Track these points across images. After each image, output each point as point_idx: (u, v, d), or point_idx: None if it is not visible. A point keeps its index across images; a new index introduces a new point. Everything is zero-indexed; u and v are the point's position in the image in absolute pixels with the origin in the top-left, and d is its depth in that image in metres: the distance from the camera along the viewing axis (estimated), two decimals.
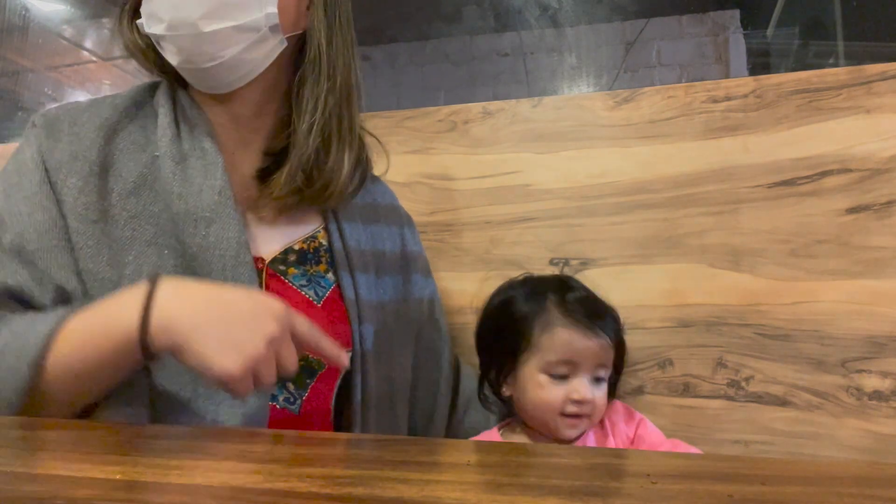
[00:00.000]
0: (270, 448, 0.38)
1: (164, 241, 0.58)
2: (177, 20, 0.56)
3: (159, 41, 0.59)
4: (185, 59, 0.58)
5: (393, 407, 0.71)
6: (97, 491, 0.29)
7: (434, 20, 3.53)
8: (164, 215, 0.58)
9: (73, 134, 0.60)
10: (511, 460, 0.35)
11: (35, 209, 0.57)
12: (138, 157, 0.61)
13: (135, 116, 0.63)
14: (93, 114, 0.62)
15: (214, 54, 0.57)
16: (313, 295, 0.65)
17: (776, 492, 0.28)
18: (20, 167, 0.60)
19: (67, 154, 0.59)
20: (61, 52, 3.89)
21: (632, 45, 3.34)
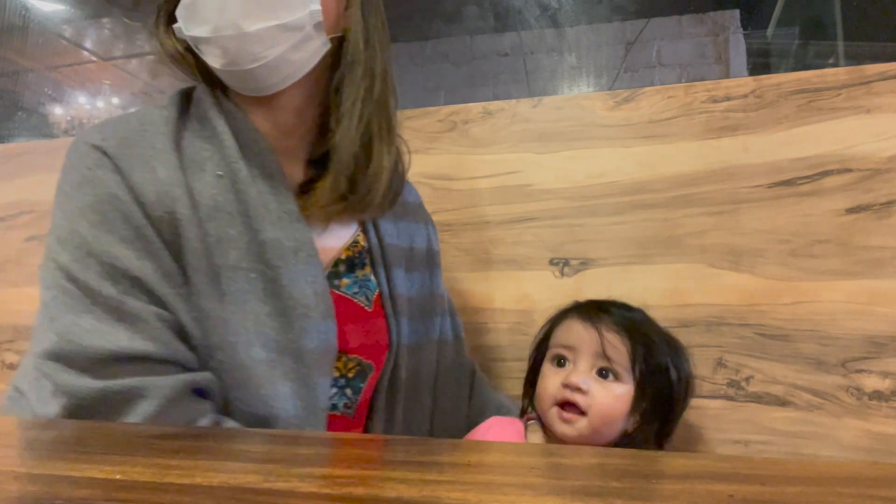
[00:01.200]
0: (270, 448, 0.38)
1: (249, 266, 0.56)
2: (221, 21, 0.54)
3: (200, 44, 0.57)
4: (230, 60, 0.56)
5: (419, 399, 0.72)
6: (97, 491, 0.29)
7: (434, 20, 3.53)
8: (243, 239, 0.56)
9: (153, 158, 0.56)
10: (511, 460, 0.35)
11: (141, 255, 0.52)
12: (202, 178, 0.57)
13: (184, 129, 0.60)
14: (154, 132, 0.57)
15: (258, 54, 0.56)
16: (364, 301, 0.66)
17: (776, 492, 0.28)
18: (99, 204, 0.53)
19: (161, 184, 0.54)
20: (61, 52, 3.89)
21: (632, 45, 3.34)
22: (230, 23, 0.54)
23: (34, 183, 1.19)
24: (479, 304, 0.96)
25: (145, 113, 0.60)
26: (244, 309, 0.55)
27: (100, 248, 0.52)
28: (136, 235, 0.53)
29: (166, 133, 0.57)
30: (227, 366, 0.54)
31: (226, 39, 0.55)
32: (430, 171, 0.99)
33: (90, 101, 4.44)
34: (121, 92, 4.55)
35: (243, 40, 0.55)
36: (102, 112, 4.54)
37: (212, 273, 0.54)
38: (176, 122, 0.59)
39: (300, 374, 0.56)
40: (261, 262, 0.56)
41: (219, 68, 0.57)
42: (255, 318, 0.55)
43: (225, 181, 0.57)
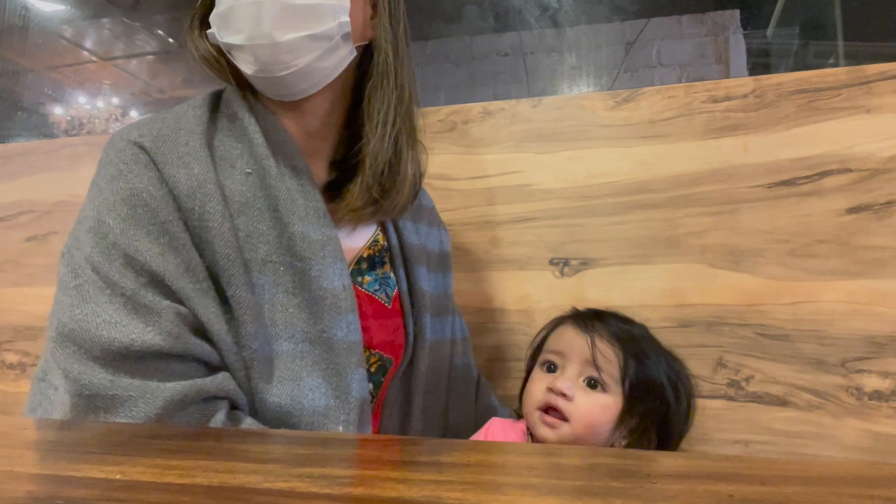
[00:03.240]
0: (270, 448, 0.38)
1: (279, 259, 0.58)
2: (255, 31, 0.56)
3: (233, 51, 0.59)
4: (261, 68, 0.58)
5: (436, 394, 0.75)
6: (97, 491, 0.29)
7: (434, 20, 3.53)
8: (272, 233, 0.58)
9: (187, 155, 0.57)
10: (511, 460, 0.35)
11: (165, 249, 0.54)
12: (232, 175, 0.59)
13: (215, 129, 0.62)
14: (189, 132, 0.59)
15: (290, 63, 0.58)
16: (385, 297, 0.68)
17: (776, 492, 0.28)
18: (131, 198, 0.55)
19: (195, 179, 0.56)
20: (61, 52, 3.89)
21: (632, 45, 3.35)
22: (264, 33, 0.56)
23: (34, 183, 1.19)
24: (479, 304, 0.96)
25: (179, 113, 0.61)
26: (273, 301, 0.57)
27: (125, 241, 0.53)
28: (162, 230, 0.54)
29: (199, 132, 0.59)
30: (258, 356, 0.55)
31: (259, 48, 0.57)
32: (430, 171, 0.99)
33: (90, 101, 4.44)
34: (121, 92, 4.55)
35: (275, 49, 0.57)
36: (102, 112, 4.54)
37: (245, 265, 0.56)
38: (208, 122, 0.61)
39: (331, 364, 0.58)
40: (290, 255, 0.58)
41: (251, 74, 0.59)
42: (283, 309, 0.57)
43: (254, 178, 0.59)
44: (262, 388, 0.55)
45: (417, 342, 0.70)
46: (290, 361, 0.56)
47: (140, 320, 0.51)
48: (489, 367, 0.93)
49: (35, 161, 1.19)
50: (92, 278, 0.52)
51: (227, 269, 0.55)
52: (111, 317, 0.51)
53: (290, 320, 0.57)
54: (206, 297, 0.54)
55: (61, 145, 1.18)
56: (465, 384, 0.81)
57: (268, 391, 0.55)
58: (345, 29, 0.59)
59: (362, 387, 0.59)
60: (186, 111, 0.62)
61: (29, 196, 1.19)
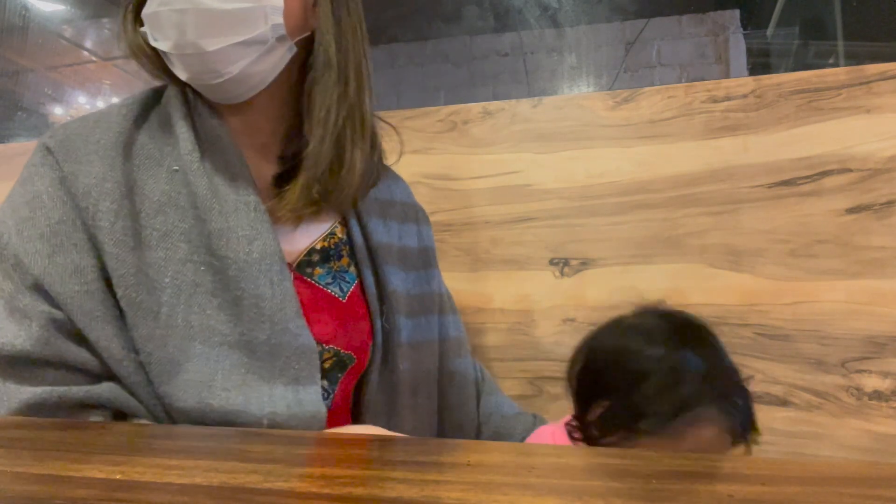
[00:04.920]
0: (270, 448, 0.38)
1: (199, 258, 0.56)
2: (181, 41, 0.54)
3: (166, 55, 0.57)
4: (192, 76, 0.57)
5: (424, 397, 0.72)
6: (97, 491, 0.29)
7: (434, 20, 3.53)
8: (194, 231, 0.56)
9: (93, 153, 0.56)
10: (511, 460, 0.35)
11: (55, 250, 0.53)
12: (156, 173, 0.57)
13: (143, 126, 0.60)
14: (105, 129, 0.58)
15: (221, 71, 0.56)
16: (338, 291, 0.65)
17: (776, 492, 0.28)
18: (32, 200, 0.55)
19: (93, 177, 0.55)
20: (61, 52, 3.89)
21: (632, 45, 3.35)
22: (189, 42, 0.54)
23: None
24: (479, 304, 0.96)
25: (106, 110, 0.60)
26: (190, 302, 0.54)
27: (17, 243, 0.53)
28: (54, 232, 0.54)
29: (116, 130, 0.58)
30: (154, 358, 0.53)
31: (186, 58, 0.55)
32: (430, 171, 0.99)
33: (90, 101, 4.44)
34: (121, 92, 4.55)
35: (204, 58, 0.55)
36: None
37: (145, 266, 0.54)
38: (134, 119, 0.60)
39: (252, 368, 0.55)
40: (209, 253, 0.56)
41: (185, 80, 0.57)
42: (200, 311, 0.54)
43: (180, 175, 0.58)
44: (166, 391, 0.53)
45: (390, 344, 0.67)
46: (203, 364, 0.54)
47: (14, 324, 0.52)
48: (489, 368, 0.93)
49: None
50: None
51: (115, 270, 0.53)
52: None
53: (206, 322, 0.54)
54: (91, 300, 0.53)
55: None
56: (461, 385, 0.78)
57: (173, 395, 0.53)
58: (279, 31, 0.56)
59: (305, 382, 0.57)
60: (112, 109, 0.60)
61: None
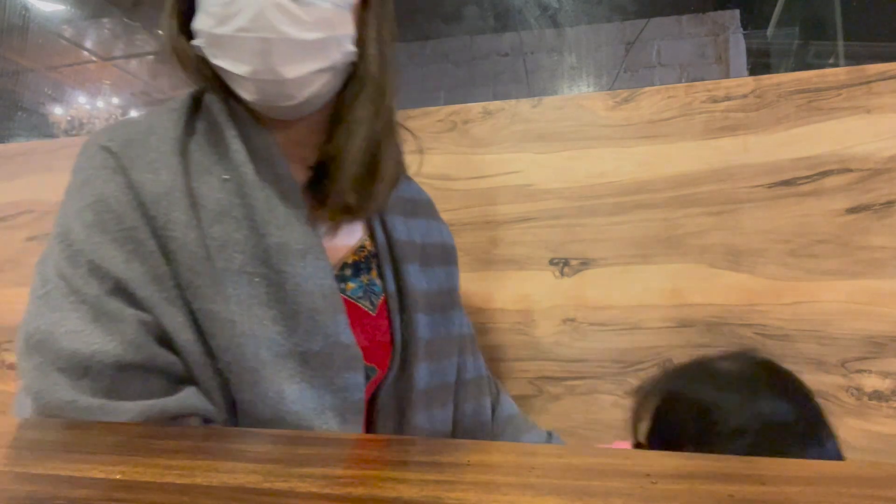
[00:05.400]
0: (270, 448, 0.38)
1: (253, 270, 0.56)
2: (261, 66, 0.54)
3: (230, 78, 0.57)
4: (263, 98, 0.57)
5: (442, 400, 0.71)
6: (97, 491, 0.29)
7: (434, 20, 3.53)
8: (249, 243, 0.56)
9: (156, 161, 0.55)
10: (511, 460, 0.35)
11: (130, 257, 0.52)
12: (209, 181, 0.57)
13: (192, 135, 0.59)
14: (161, 136, 0.57)
15: (296, 95, 0.57)
16: (368, 305, 0.65)
17: (776, 492, 0.28)
18: (97, 204, 0.53)
19: (161, 185, 0.54)
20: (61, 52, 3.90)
21: (632, 45, 3.35)
22: (271, 69, 0.54)
23: (34, 183, 1.19)
24: (479, 304, 0.96)
25: (154, 116, 0.59)
26: (249, 313, 0.54)
27: (89, 247, 0.52)
28: (128, 237, 0.52)
29: (171, 137, 0.57)
30: (234, 368, 0.53)
31: (264, 83, 0.55)
32: (430, 171, 0.99)
33: (90, 101, 4.44)
34: (121, 92, 4.55)
35: (282, 85, 0.55)
36: (102, 112, 4.54)
37: (215, 276, 0.54)
38: (184, 126, 0.59)
39: (305, 377, 0.56)
40: (265, 265, 0.56)
41: (250, 101, 0.57)
42: (259, 321, 0.55)
43: (231, 185, 0.57)
44: (244, 399, 0.54)
45: (409, 345, 0.67)
46: (274, 374, 0.54)
47: (102, 329, 0.50)
48: (489, 368, 0.93)
49: (35, 161, 1.19)
50: (59, 286, 0.52)
51: (191, 281, 0.53)
52: (74, 325, 0.50)
53: (266, 333, 0.55)
54: (172, 306, 0.52)
55: (61, 145, 1.18)
56: (476, 383, 0.77)
57: (252, 403, 0.53)
58: (350, 58, 0.58)
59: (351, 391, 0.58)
60: (161, 115, 0.59)
61: (29, 196, 1.19)
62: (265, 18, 0.53)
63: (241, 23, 0.53)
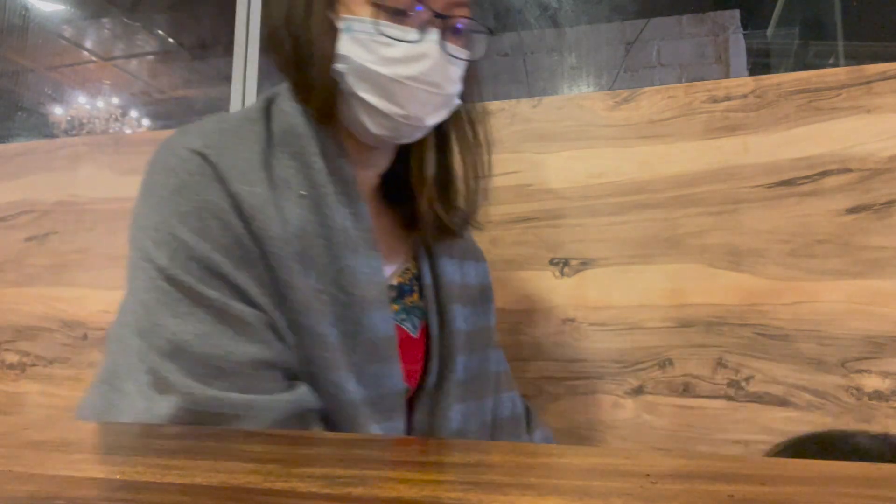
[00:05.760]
0: (270, 448, 0.38)
1: (323, 288, 0.56)
2: (416, 113, 0.58)
3: (368, 110, 0.58)
4: (391, 135, 0.60)
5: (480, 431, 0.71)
6: (97, 491, 0.29)
7: None
8: (322, 261, 0.56)
9: (249, 172, 0.55)
10: (511, 460, 0.35)
11: (239, 265, 0.52)
12: (288, 196, 0.56)
13: (272, 146, 0.59)
14: (249, 147, 0.57)
15: (415, 135, 0.61)
16: (410, 327, 0.66)
17: (776, 492, 0.28)
18: (201, 211, 0.52)
19: (258, 198, 0.54)
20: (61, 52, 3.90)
21: (632, 45, 3.35)
22: (419, 116, 0.58)
23: (34, 183, 1.19)
24: None
25: (238, 124, 0.59)
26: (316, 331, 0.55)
27: (200, 253, 0.51)
28: (235, 244, 0.52)
29: (258, 150, 0.57)
30: (322, 380, 0.54)
31: (404, 126, 0.58)
32: None
33: (90, 101, 4.45)
34: (121, 92, 4.56)
35: (416, 129, 0.60)
36: (102, 112, 4.54)
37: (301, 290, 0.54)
38: (267, 140, 0.58)
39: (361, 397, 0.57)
40: (335, 286, 0.56)
41: (375, 133, 0.59)
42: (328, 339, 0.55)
43: (308, 202, 0.57)
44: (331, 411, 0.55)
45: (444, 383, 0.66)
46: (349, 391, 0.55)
47: (230, 331, 0.50)
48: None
49: (35, 161, 1.19)
50: (170, 291, 0.51)
51: (286, 295, 0.53)
52: (200, 330, 0.50)
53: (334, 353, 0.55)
54: (277, 310, 0.53)
55: (61, 145, 1.18)
56: (513, 420, 0.77)
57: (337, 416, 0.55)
58: (454, 108, 0.63)
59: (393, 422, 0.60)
60: (244, 124, 0.59)
61: (29, 196, 1.19)
62: (435, 73, 0.57)
63: (413, 72, 0.56)
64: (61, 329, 1.13)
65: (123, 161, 1.15)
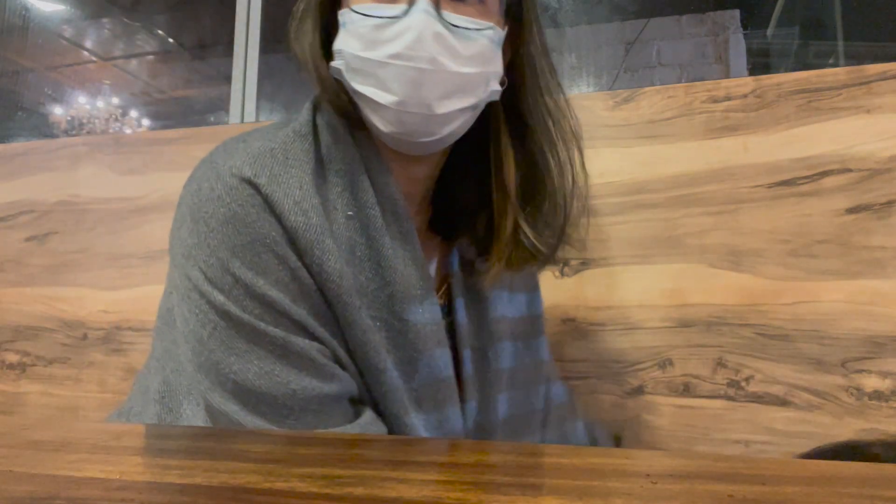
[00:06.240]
0: (270, 448, 0.38)
1: (375, 314, 0.54)
2: (412, 98, 0.50)
3: (369, 105, 0.53)
4: (403, 131, 0.53)
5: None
6: (97, 491, 0.29)
7: None
8: (372, 286, 0.54)
9: (302, 200, 0.52)
10: (511, 460, 0.35)
11: (297, 298, 0.50)
12: (336, 218, 0.54)
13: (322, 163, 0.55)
14: (300, 171, 0.53)
15: (436, 131, 0.53)
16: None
17: (776, 492, 0.28)
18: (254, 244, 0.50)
19: (314, 231, 0.51)
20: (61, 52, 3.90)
21: (632, 45, 3.35)
22: (422, 102, 0.51)
23: (34, 183, 1.19)
24: None
25: (287, 144, 0.55)
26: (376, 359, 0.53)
27: (258, 290, 0.49)
28: (292, 278, 0.50)
29: (309, 171, 0.53)
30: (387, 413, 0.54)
31: (409, 115, 0.51)
32: None
33: (90, 101, 4.45)
34: (121, 92, 4.56)
35: (428, 120, 0.52)
36: (102, 112, 4.54)
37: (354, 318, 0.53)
38: (317, 159, 0.55)
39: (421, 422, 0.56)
40: (388, 311, 0.54)
41: (386, 132, 0.53)
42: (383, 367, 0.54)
43: (355, 223, 0.54)
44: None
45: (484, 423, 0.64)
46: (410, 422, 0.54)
47: (293, 368, 0.49)
48: None
49: (35, 161, 1.19)
50: (230, 330, 0.49)
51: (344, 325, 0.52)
52: (263, 368, 0.49)
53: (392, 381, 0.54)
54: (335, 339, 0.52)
55: (61, 145, 1.18)
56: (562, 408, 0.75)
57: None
58: (494, 96, 0.55)
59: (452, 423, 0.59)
60: (294, 143, 0.55)
61: (29, 196, 1.19)
62: (424, 47, 0.49)
63: (396, 49, 0.50)
64: (61, 329, 1.13)
65: (123, 161, 1.15)
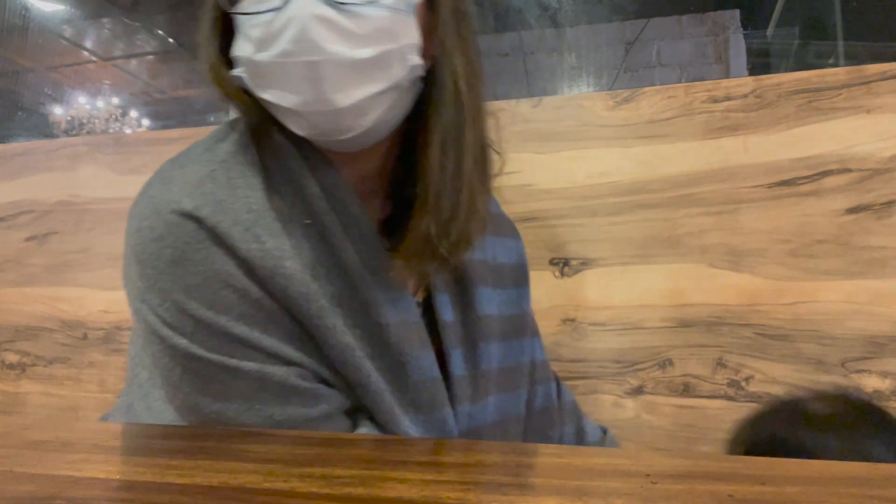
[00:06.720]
0: (270, 448, 0.38)
1: (352, 322, 0.52)
2: (311, 96, 0.46)
3: (277, 111, 0.49)
4: (318, 133, 0.49)
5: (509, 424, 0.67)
6: (97, 491, 0.29)
7: None
8: (344, 296, 0.52)
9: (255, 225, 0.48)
10: (511, 460, 0.35)
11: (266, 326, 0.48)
12: (294, 230, 0.50)
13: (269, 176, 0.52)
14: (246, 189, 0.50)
15: (353, 125, 0.48)
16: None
17: (776, 492, 0.28)
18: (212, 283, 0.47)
19: (271, 258, 0.48)
20: (61, 52, 3.90)
21: (632, 45, 3.35)
22: (321, 98, 0.46)
23: (34, 183, 1.19)
24: None
25: (229, 160, 0.51)
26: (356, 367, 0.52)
27: (221, 328, 0.47)
28: (257, 308, 0.48)
29: (258, 186, 0.50)
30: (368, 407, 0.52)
31: (315, 115, 0.47)
32: None
33: (90, 101, 4.45)
34: (121, 92, 4.56)
35: (337, 115, 0.47)
36: (102, 112, 4.54)
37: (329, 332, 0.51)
38: (264, 167, 0.52)
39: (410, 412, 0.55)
40: (365, 318, 0.52)
41: (304, 135, 0.50)
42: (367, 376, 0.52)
43: (313, 231, 0.51)
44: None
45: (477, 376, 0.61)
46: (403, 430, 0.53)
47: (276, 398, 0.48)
48: None
49: (35, 161, 1.19)
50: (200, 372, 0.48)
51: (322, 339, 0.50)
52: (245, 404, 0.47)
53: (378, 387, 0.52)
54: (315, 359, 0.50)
55: (61, 145, 1.18)
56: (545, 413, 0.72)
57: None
58: (416, 72, 0.50)
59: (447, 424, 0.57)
60: (235, 156, 0.51)
61: (29, 196, 1.19)
62: (309, 37, 0.44)
63: (283, 46, 0.45)
64: (61, 329, 1.13)
65: (123, 161, 1.15)
